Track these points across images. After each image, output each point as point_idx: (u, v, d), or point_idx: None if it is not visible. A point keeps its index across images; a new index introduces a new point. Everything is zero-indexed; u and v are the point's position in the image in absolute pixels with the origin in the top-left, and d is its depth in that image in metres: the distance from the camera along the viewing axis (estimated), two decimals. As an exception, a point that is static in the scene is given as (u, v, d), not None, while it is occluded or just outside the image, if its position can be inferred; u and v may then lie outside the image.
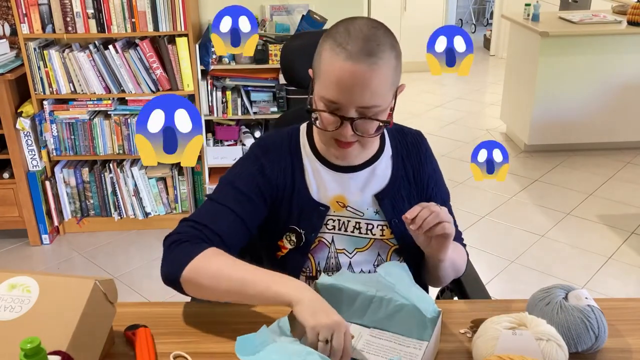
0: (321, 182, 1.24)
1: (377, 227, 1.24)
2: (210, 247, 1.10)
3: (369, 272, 1.24)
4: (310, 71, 1.18)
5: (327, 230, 1.24)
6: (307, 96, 1.18)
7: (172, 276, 1.10)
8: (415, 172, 1.28)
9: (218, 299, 1.09)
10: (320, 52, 1.11)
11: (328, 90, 1.08)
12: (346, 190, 1.24)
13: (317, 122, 1.14)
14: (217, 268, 1.07)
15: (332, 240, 1.24)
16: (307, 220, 1.23)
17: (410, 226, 1.09)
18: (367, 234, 1.24)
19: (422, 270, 1.29)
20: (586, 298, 1.07)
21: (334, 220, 1.24)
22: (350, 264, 1.24)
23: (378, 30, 1.08)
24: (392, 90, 1.12)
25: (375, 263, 1.24)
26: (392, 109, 1.16)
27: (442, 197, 1.31)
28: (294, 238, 1.23)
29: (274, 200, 1.23)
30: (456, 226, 1.30)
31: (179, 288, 1.11)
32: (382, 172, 1.26)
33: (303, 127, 1.30)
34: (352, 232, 1.24)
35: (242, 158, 1.28)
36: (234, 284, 1.05)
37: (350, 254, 1.24)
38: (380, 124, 1.13)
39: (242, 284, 1.04)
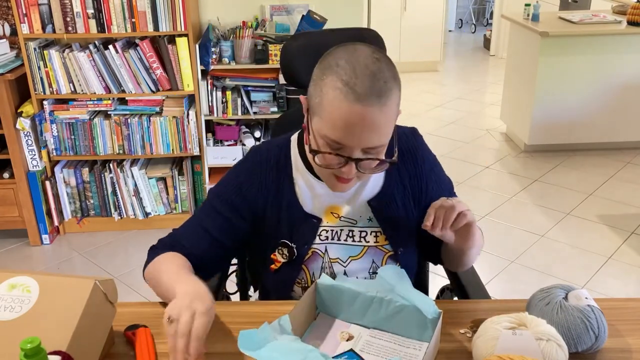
0: (314, 194, 1.22)
1: (370, 234, 1.22)
2: (168, 252, 1.19)
3: (365, 279, 1.22)
4: (302, 98, 1.13)
5: (320, 241, 1.22)
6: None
7: (145, 279, 1.21)
8: (412, 177, 1.25)
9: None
10: (320, 87, 1.05)
11: (333, 131, 1.03)
12: (339, 200, 1.22)
13: (318, 159, 1.09)
14: (156, 272, 1.16)
15: (326, 250, 1.21)
16: (299, 234, 1.21)
17: (434, 232, 1.08)
18: (360, 241, 1.22)
19: (443, 257, 1.30)
20: (586, 298, 1.07)
21: (327, 231, 1.22)
22: (345, 272, 1.22)
23: (381, 62, 1.03)
24: (394, 124, 1.09)
25: (370, 270, 1.22)
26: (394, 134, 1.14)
27: (443, 192, 1.26)
28: (286, 252, 1.21)
29: (256, 218, 1.22)
30: None
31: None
32: (375, 178, 1.23)
33: (294, 138, 1.26)
34: (345, 240, 1.22)
35: (232, 169, 1.27)
36: (159, 289, 1.14)
37: (345, 262, 1.22)
38: (385, 165, 1.10)
39: (164, 289, 1.11)
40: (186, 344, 0.93)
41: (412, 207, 1.25)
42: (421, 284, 1.42)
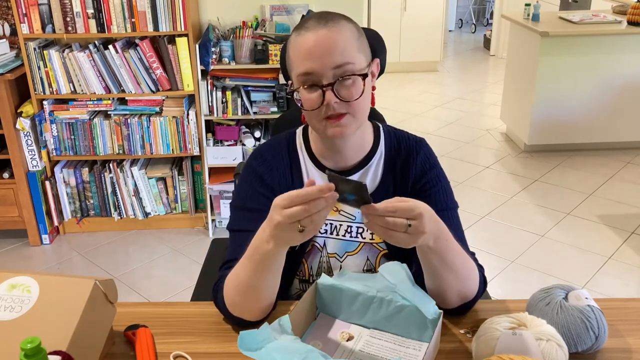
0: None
1: (367, 231, 1.23)
2: (225, 277, 1.14)
3: (365, 273, 1.23)
4: (290, 83, 1.20)
5: (320, 234, 1.24)
6: None
7: (232, 320, 1.14)
8: (403, 178, 1.24)
9: (262, 298, 1.11)
10: (287, 49, 1.18)
11: (300, 65, 1.11)
12: None
13: (304, 104, 1.13)
14: (234, 283, 1.10)
15: (324, 245, 1.24)
16: None
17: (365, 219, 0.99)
18: (357, 237, 1.24)
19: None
20: (586, 298, 1.07)
21: (326, 225, 1.24)
22: (340, 267, 1.24)
23: (336, 13, 1.15)
24: (362, 55, 1.13)
25: (365, 267, 1.24)
26: (372, 86, 1.17)
27: (434, 207, 1.12)
28: None
29: None
30: (465, 241, 1.21)
31: (244, 321, 1.13)
32: (373, 175, 1.24)
33: (299, 131, 1.30)
34: (344, 235, 1.24)
35: (242, 176, 1.28)
36: (250, 282, 1.07)
37: (341, 257, 1.24)
38: (363, 86, 1.11)
39: (250, 277, 1.07)
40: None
41: None
42: (421, 285, 1.41)
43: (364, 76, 1.12)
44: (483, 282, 1.18)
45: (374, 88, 1.18)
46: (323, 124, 1.14)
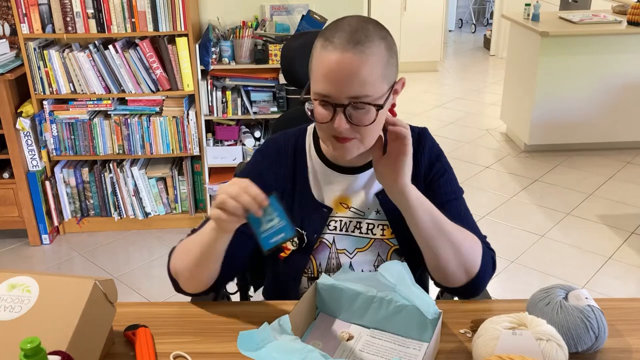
0: (325, 183, 1.24)
1: (377, 227, 1.23)
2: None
3: (370, 272, 1.23)
4: (305, 88, 1.19)
5: (329, 231, 1.24)
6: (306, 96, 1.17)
7: (170, 278, 1.23)
8: (413, 170, 1.22)
9: (199, 275, 1.17)
10: (312, 52, 1.11)
11: (319, 84, 1.07)
12: (349, 191, 1.23)
13: (315, 115, 1.11)
14: (182, 249, 1.20)
15: (333, 241, 1.24)
16: (310, 222, 1.23)
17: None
18: (367, 233, 1.23)
19: (423, 270, 1.27)
20: (586, 298, 1.07)
21: (335, 221, 1.24)
22: (350, 264, 1.23)
23: (368, 24, 1.07)
24: (385, 82, 1.08)
25: (376, 263, 1.24)
26: (393, 103, 1.14)
27: (444, 197, 1.23)
28: (296, 239, 1.23)
29: None
30: (475, 226, 1.24)
31: (178, 287, 1.22)
32: None
33: (310, 127, 1.30)
34: (353, 232, 1.23)
35: (247, 164, 1.29)
36: (193, 253, 1.14)
37: (351, 254, 1.23)
38: (376, 116, 1.07)
39: (197, 248, 1.13)
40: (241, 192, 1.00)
41: None
42: (422, 284, 1.41)
43: (379, 107, 1.07)
44: (492, 263, 1.21)
45: (394, 105, 1.15)
46: (329, 140, 1.12)
